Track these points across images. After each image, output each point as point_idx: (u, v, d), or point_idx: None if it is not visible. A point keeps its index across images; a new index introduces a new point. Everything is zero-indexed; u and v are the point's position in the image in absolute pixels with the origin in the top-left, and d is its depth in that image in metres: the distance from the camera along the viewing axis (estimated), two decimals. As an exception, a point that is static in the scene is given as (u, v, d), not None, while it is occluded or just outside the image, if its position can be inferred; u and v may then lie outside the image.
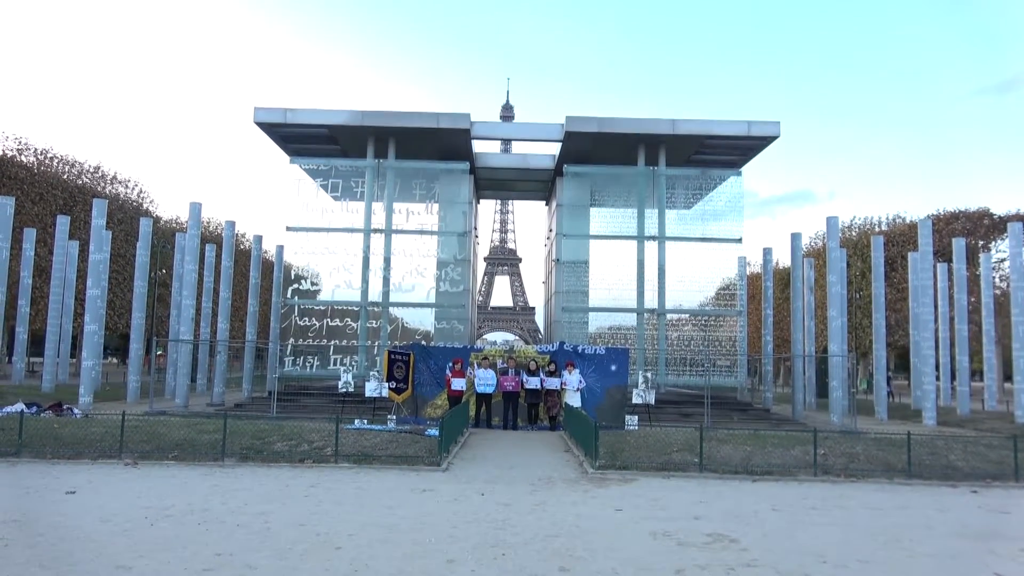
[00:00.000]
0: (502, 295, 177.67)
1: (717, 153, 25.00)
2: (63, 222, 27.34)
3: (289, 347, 22.73)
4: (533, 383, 17.34)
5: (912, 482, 11.03)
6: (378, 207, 24.16)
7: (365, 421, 15.30)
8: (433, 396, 18.21)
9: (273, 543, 6.83)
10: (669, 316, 24.20)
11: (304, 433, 12.81)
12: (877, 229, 44.22)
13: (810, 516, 8.63)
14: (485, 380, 17.30)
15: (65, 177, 38.08)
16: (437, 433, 12.11)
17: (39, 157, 37.64)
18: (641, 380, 17.16)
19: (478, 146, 27.27)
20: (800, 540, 7.42)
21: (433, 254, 23.99)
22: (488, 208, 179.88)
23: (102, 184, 41.29)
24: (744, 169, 25.31)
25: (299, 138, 24.64)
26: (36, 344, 35.07)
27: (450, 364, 17.67)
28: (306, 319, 23.17)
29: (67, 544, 6.66)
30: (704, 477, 10.99)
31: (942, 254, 33.07)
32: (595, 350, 18.79)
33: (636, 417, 15.99)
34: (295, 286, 23.48)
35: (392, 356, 17.57)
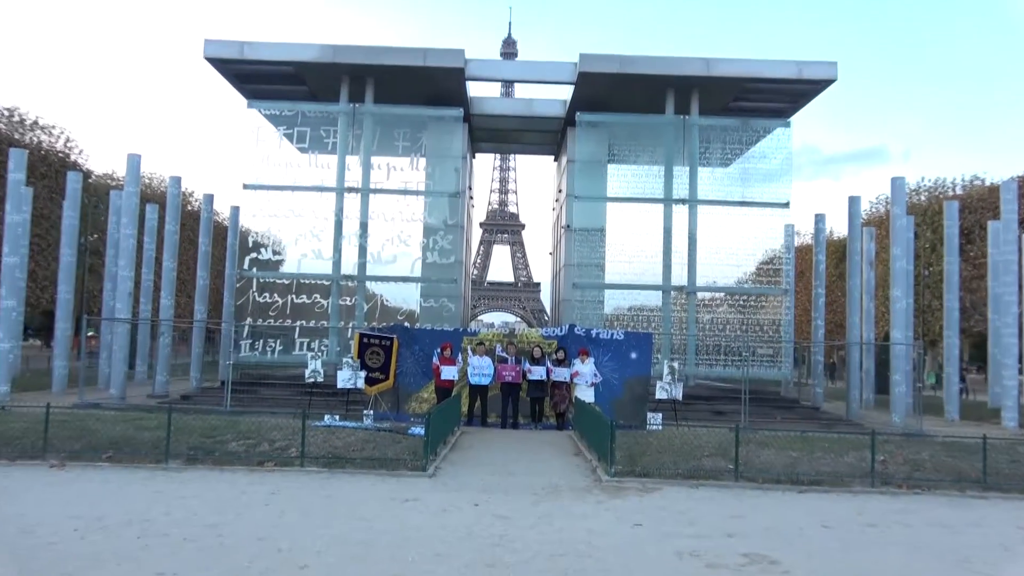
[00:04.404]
0: (501, 268, 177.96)
1: (761, 100, 24.81)
2: (-26, 176, 27.24)
3: (246, 328, 22.72)
4: (537, 373, 17.36)
5: (988, 495, 11.07)
6: (353, 161, 24.02)
7: (337, 417, 15.33)
8: (418, 388, 18.25)
9: (226, 560, 6.85)
10: (701, 295, 24.16)
11: (264, 431, 12.85)
12: (951, 193, 44.02)
13: (866, 534, 8.67)
14: (480, 369, 17.31)
15: (-26, 122, 37.83)
16: (422, 432, 12.13)
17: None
18: (666, 371, 17.17)
19: (474, 89, 27.18)
20: (854, 563, 7.45)
21: (419, 218, 23.90)
22: (485, 164, 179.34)
23: (20, 131, 41.03)
24: (795, 119, 25.18)
25: (259, 77, 24.42)
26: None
27: (438, 350, 17.66)
28: (266, 295, 23.14)
29: (-19, 560, 6.68)
30: (740, 487, 11.03)
31: (1029, 223, 32.92)
32: (612, 335, 18.80)
33: (660, 415, 16.03)
34: (253, 255, 23.40)
35: (365, 340, 17.59)
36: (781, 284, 24.51)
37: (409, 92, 24.47)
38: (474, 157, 33.30)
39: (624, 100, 24.44)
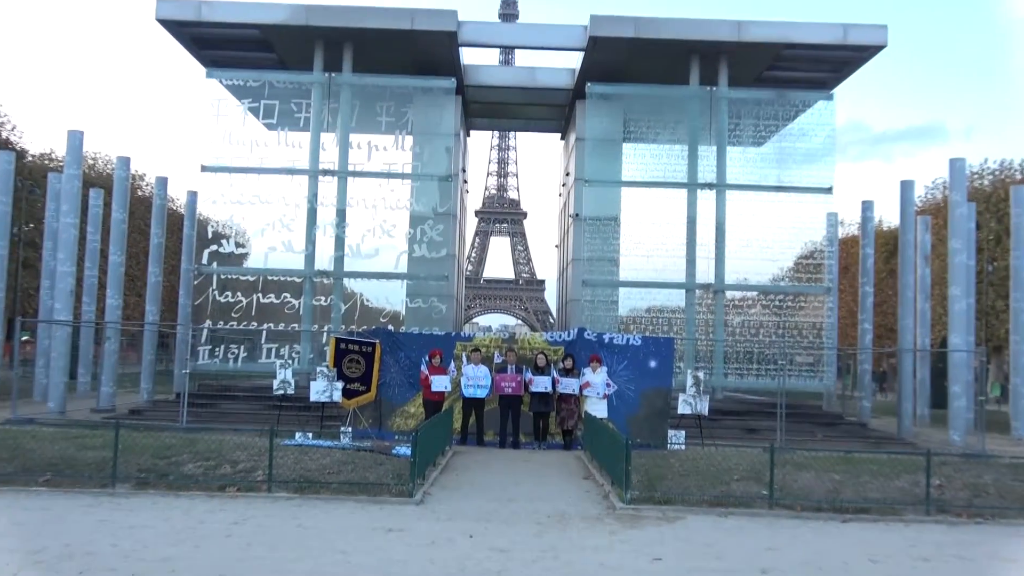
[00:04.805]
0: (500, 263, 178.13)
1: (800, 69, 24.81)
2: None
3: (205, 332, 22.73)
4: (541, 384, 17.34)
5: (1061, 524, 11.08)
6: (329, 140, 24.02)
7: (310, 435, 15.33)
8: (403, 401, 18.25)
9: (182, 600, 6.85)
10: (730, 294, 24.18)
11: (225, 450, 12.86)
12: (1019, 176, 43.99)
13: (919, 570, 8.68)
14: (475, 380, 17.31)
15: None
16: (409, 452, 12.13)
17: None
18: (690, 381, 17.18)
19: (469, 56, 27.01)
20: (906, 602, 7.45)
21: (405, 205, 23.89)
22: (482, 143, 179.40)
23: (-55, 105, 41.06)
24: (839, 91, 25.16)
25: (220, 43, 24.43)
26: None
27: (427, 358, 17.67)
28: (229, 294, 23.14)
29: (-101, 599, 6.68)
30: (775, 515, 11.03)
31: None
32: (628, 340, 18.77)
33: (683, 432, 16.01)
34: (213, 248, 23.41)
35: (343, 346, 17.56)
36: (823, 282, 24.51)
37: (394, 60, 24.45)
38: (468, 135, 33.29)
39: (642, 69, 24.41)
